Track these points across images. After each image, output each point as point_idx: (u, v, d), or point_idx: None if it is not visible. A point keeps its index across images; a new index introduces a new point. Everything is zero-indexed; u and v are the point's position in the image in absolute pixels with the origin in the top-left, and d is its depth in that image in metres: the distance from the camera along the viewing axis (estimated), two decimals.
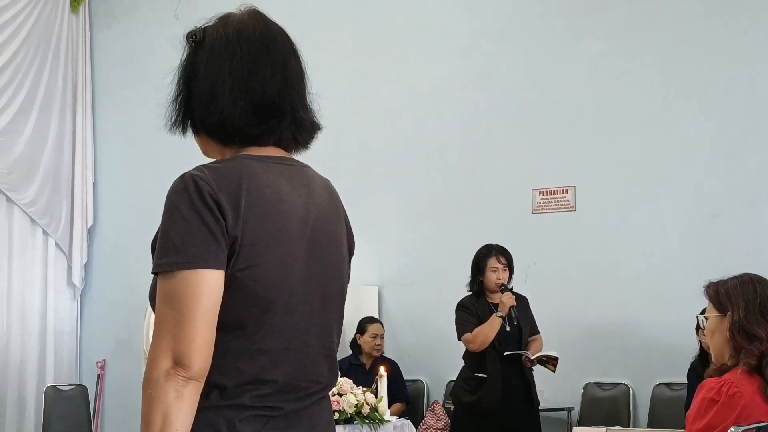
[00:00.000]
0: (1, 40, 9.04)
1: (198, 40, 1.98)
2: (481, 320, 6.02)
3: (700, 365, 5.70)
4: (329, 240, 2.01)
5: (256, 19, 1.99)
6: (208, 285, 1.75)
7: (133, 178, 9.20)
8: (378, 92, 7.84)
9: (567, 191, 7.10)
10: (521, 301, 6.19)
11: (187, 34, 2.01)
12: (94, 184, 9.65)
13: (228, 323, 1.80)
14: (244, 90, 1.92)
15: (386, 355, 7.27)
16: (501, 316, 5.98)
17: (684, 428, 3.45)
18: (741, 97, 6.52)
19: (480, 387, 6.04)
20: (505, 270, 6.17)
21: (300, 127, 1.99)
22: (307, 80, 2.02)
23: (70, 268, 9.51)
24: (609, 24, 6.99)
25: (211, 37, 1.97)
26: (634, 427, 6.44)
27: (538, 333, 6.22)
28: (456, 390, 6.33)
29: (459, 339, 6.08)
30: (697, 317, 3.56)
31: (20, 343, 9.01)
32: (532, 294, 6.37)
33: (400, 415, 6.62)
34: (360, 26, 8.02)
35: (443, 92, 7.63)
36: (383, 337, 7.17)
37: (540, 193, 7.19)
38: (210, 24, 2.00)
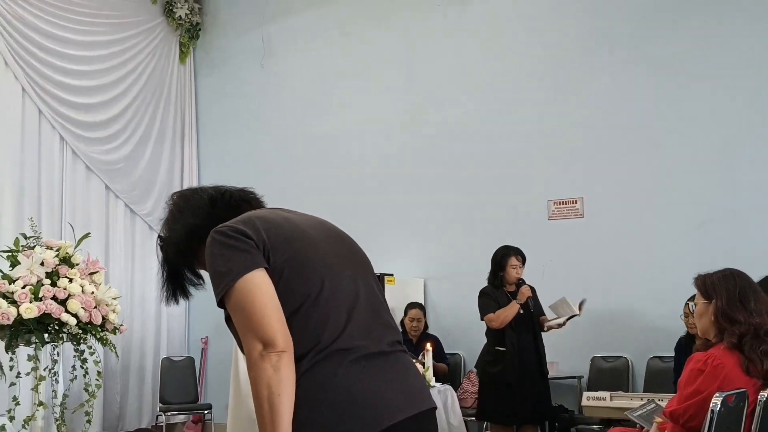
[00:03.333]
0: (125, 86, 9.21)
1: (163, 238, 2.13)
2: (500, 305, 6.10)
3: (686, 342, 5.71)
4: (338, 232, 2.08)
5: (178, 197, 2.17)
6: (257, 282, 1.79)
7: None
8: (422, 123, 7.84)
9: (577, 201, 7.07)
10: (533, 290, 6.27)
11: (157, 240, 2.16)
12: None
13: (298, 301, 1.84)
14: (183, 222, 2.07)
15: (431, 332, 7.28)
16: (520, 303, 6.05)
17: (674, 393, 3.47)
18: (722, 127, 6.43)
19: (501, 359, 6.09)
20: (522, 267, 6.23)
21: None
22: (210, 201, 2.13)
23: None
24: (615, 64, 6.93)
25: (163, 234, 2.12)
26: (633, 392, 6.41)
27: (543, 314, 6.29)
28: (481, 362, 6.38)
29: (482, 319, 6.16)
30: (687, 302, 3.58)
31: (141, 323, 9.13)
32: (548, 286, 6.42)
33: (443, 376, 6.64)
34: (406, 70, 8.04)
35: (476, 123, 7.61)
36: (420, 321, 7.14)
37: (554, 203, 7.16)
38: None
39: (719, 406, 2.89)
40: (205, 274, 2.07)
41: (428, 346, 6.03)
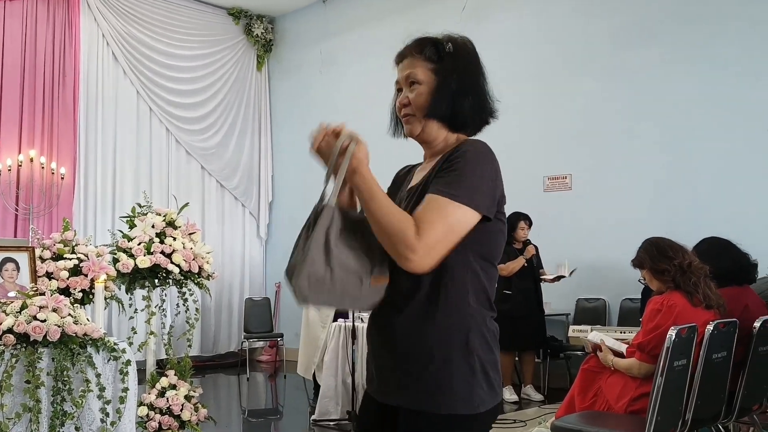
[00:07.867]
0: (215, 89, 9.26)
1: (450, 52, 1.71)
2: (510, 258, 6.08)
3: (650, 287, 5.66)
4: None
5: (470, 44, 1.76)
6: (468, 219, 1.51)
7: (296, 173, 9.32)
8: None
9: (566, 177, 7.01)
10: (536, 249, 6.23)
11: (441, 42, 1.71)
12: (272, 176, 9.80)
13: (491, 258, 1.60)
14: (484, 99, 1.74)
15: None
16: (526, 258, 6.02)
17: (640, 328, 3.47)
18: (679, 120, 6.31)
19: (508, 299, 6.08)
20: (528, 229, 6.20)
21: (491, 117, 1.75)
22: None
23: (258, 227, 9.68)
24: (595, 72, 6.82)
25: (460, 50, 1.72)
26: (608, 326, 6.37)
27: (542, 268, 6.26)
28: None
29: None
30: (639, 280, 3.68)
31: (230, 272, 9.24)
32: (544, 242, 6.37)
33: None
34: None
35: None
36: None
37: (548, 178, 7.11)
38: (450, 42, 1.73)
39: (674, 337, 2.91)
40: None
41: None
